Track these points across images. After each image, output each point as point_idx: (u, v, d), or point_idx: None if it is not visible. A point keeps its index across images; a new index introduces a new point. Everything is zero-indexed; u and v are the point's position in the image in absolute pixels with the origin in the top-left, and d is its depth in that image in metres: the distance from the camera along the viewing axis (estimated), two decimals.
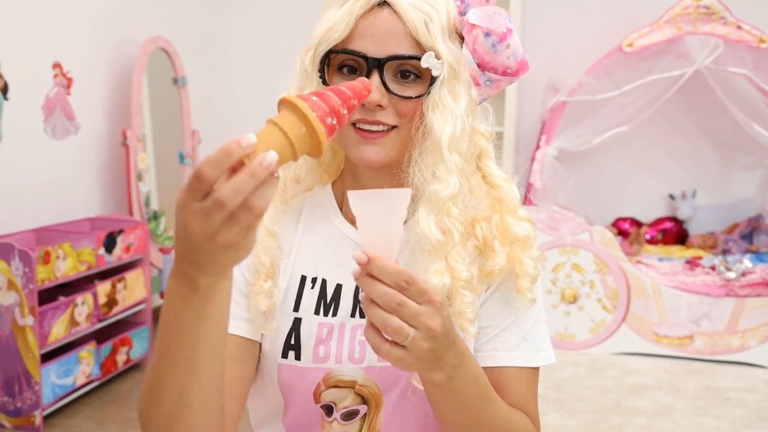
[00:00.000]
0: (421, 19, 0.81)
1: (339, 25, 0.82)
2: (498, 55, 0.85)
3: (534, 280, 0.87)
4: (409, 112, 0.84)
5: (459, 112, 0.83)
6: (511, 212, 0.88)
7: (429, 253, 0.83)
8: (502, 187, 0.89)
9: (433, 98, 0.83)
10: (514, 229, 0.87)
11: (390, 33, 0.82)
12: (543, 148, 3.66)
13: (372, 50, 0.82)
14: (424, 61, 0.81)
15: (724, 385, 3.12)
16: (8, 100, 2.71)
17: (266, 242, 0.87)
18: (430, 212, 0.83)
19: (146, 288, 3.11)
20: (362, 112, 0.83)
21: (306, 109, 0.63)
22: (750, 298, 3.35)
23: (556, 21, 4.12)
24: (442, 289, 0.82)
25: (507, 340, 0.89)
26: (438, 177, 0.83)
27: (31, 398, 2.47)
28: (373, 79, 0.81)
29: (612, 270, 3.45)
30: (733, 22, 3.46)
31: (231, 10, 4.43)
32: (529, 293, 0.87)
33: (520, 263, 0.87)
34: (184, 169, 3.76)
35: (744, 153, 4.02)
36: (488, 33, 0.84)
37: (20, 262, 2.40)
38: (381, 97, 0.82)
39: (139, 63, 3.34)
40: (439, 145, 0.82)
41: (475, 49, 0.85)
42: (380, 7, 0.83)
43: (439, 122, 0.82)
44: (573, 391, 3.02)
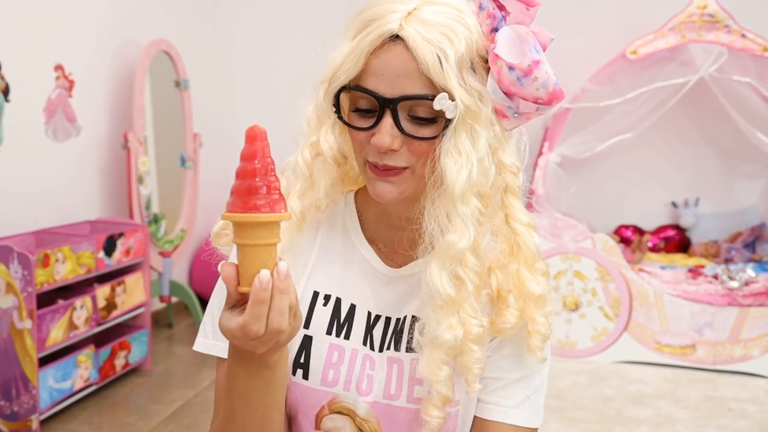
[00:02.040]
0: (434, 56, 0.75)
1: (349, 63, 0.79)
2: (525, 88, 0.78)
3: (545, 338, 0.84)
4: (423, 153, 0.79)
5: (478, 155, 0.78)
6: (528, 265, 0.84)
7: (441, 308, 0.79)
8: (522, 235, 0.84)
9: (447, 141, 0.77)
10: (530, 286, 0.83)
11: (402, 71, 0.77)
12: (546, 155, 3.65)
13: (384, 89, 0.77)
14: (436, 104, 0.76)
15: (727, 396, 3.09)
16: (9, 101, 2.70)
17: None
18: (443, 267, 0.78)
19: (146, 292, 3.09)
20: (374, 155, 0.80)
21: (262, 217, 0.66)
22: (753, 308, 3.32)
23: (560, 27, 4.10)
24: (454, 343, 0.79)
25: (511, 396, 0.87)
26: (453, 226, 0.78)
27: (28, 402, 2.45)
28: (386, 121, 0.78)
29: (614, 278, 3.43)
30: (737, 30, 3.45)
31: (234, 14, 4.42)
32: (539, 352, 0.84)
33: (533, 321, 0.83)
34: (186, 172, 3.74)
35: (747, 161, 4.01)
36: (511, 67, 0.77)
37: (19, 264, 2.39)
38: (392, 141, 0.78)
39: (141, 66, 3.33)
40: (453, 194, 0.77)
41: (501, 80, 0.78)
42: (392, 42, 0.77)
43: (452, 169, 0.77)
44: (574, 400, 2.99)
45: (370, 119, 0.80)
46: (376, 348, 0.89)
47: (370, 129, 0.79)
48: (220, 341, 0.89)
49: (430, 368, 0.80)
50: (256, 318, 0.66)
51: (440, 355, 0.79)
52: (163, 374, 3.13)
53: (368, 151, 0.81)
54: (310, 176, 0.87)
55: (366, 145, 0.81)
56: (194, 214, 3.78)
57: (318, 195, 0.87)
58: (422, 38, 0.75)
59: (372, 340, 0.89)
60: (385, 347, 0.88)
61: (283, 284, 0.67)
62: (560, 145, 3.71)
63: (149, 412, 2.75)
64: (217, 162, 4.13)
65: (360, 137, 0.81)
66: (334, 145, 0.85)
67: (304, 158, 0.87)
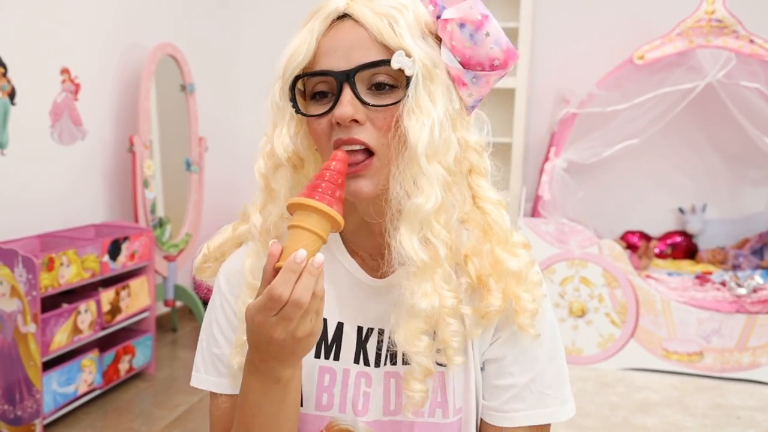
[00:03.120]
0: (386, 22, 0.76)
1: (300, 48, 0.77)
2: (479, 47, 0.76)
3: (533, 314, 0.81)
4: (386, 125, 0.76)
5: (437, 116, 0.75)
6: (501, 242, 0.81)
7: (414, 275, 0.77)
8: (491, 214, 0.81)
9: (408, 102, 0.75)
10: (506, 264, 0.80)
11: (354, 43, 0.76)
12: (552, 160, 3.63)
13: (338, 65, 0.76)
14: (394, 62, 0.74)
15: (735, 404, 3.07)
16: (15, 105, 2.70)
17: (247, 299, 0.83)
18: (412, 230, 0.76)
19: (150, 296, 3.08)
20: (338, 131, 0.77)
21: (316, 203, 0.72)
22: (761, 315, 3.30)
23: (567, 32, 4.10)
24: (431, 311, 0.77)
25: (527, 399, 0.85)
26: (419, 188, 0.75)
27: (31, 407, 2.45)
28: (345, 94, 0.75)
29: (621, 284, 3.41)
30: (745, 35, 3.43)
31: (240, 19, 4.42)
32: (531, 329, 0.82)
33: (517, 298, 0.81)
34: (191, 176, 3.74)
35: (755, 167, 3.99)
36: (462, 23, 0.76)
37: (24, 268, 2.38)
38: (355, 111, 0.75)
39: (147, 69, 3.33)
40: (416, 153, 0.75)
41: (454, 45, 0.77)
42: (340, 21, 0.78)
43: (415, 128, 0.75)
44: (581, 407, 2.97)
45: (329, 103, 0.77)
46: (371, 363, 0.86)
47: (329, 111, 0.77)
48: (212, 376, 0.89)
49: (408, 339, 0.78)
50: (283, 281, 0.69)
51: (418, 324, 0.77)
52: (167, 379, 3.12)
53: (333, 137, 0.77)
54: (267, 187, 0.83)
55: (330, 133, 0.77)
56: (199, 218, 3.78)
57: (279, 203, 0.82)
58: (370, 10, 0.76)
59: (366, 355, 0.86)
60: (382, 362, 0.86)
61: (314, 270, 0.70)
62: (567, 150, 3.69)
63: (153, 417, 2.74)
64: (222, 166, 4.13)
65: (322, 126, 0.78)
66: (289, 147, 0.81)
67: (259, 169, 0.84)
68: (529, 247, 0.84)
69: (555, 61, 4.08)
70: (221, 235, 0.91)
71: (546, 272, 3.46)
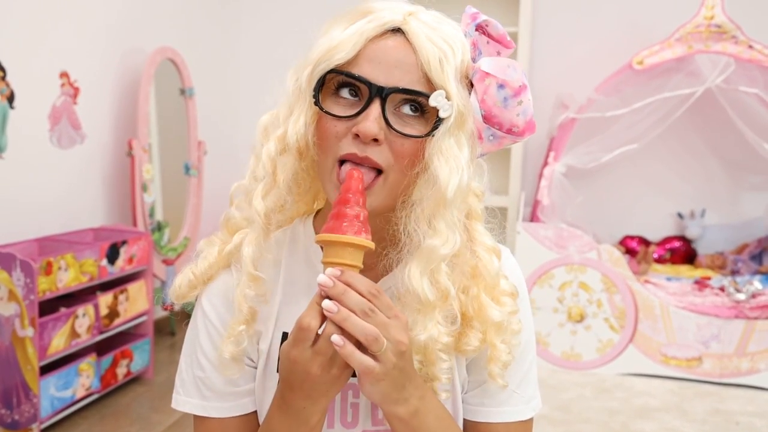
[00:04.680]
0: (436, 55, 0.74)
1: (345, 45, 0.75)
2: (507, 111, 0.77)
3: (506, 365, 0.82)
4: (405, 155, 0.75)
5: (464, 163, 0.76)
6: (488, 290, 0.81)
7: (418, 311, 0.77)
8: (483, 259, 0.81)
9: (437, 142, 0.75)
10: (489, 312, 0.80)
11: (399, 62, 0.74)
12: (551, 165, 3.63)
13: (376, 77, 0.74)
14: (432, 100, 0.74)
15: (734, 409, 3.06)
16: (14, 108, 2.70)
17: (246, 291, 0.81)
18: (424, 269, 0.76)
19: (148, 300, 3.07)
20: (353, 145, 0.75)
21: (347, 239, 0.72)
22: (760, 321, 3.29)
23: (566, 37, 4.10)
24: (427, 342, 0.77)
25: (495, 395, 0.86)
26: (437, 231, 0.75)
27: (29, 411, 2.44)
28: (373, 109, 0.73)
29: (620, 289, 3.41)
30: (744, 41, 3.44)
31: (239, 23, 4.42)
32: (500, 379, 0.82)
33: (493, 347, 0.81)
34: (190, 180, 3.74)
35: (754, 173, 3.99)
36: (503, 85, 0.76)
37: (21, 272, 2.38)
38: (379, 130, 0.73)
39: (146, 73, 3.33)
40: (444, 197, 0.74)
41: (485, 99, 0.77)
42: (393, 34, 0.76)
43: (445, 171, 0.74)
44: (579, 413, 2.96)
45: (354, 108, 0.75)
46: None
47: (352, 118, 0.75)
48: (194, 398, 0.87)
49: None
50: (311, 312, 0.70)
51: (405, 338, 0.77)
52: (165, 383, 3.11)
53: (344, 144, 0.75)
54: (273, 173, 0.81)
55: (342, 138, 0.75)
56: (198, 222, 3.77)
57: (279, 191, 0.81)
58: (426, 36, 0.75)
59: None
60: None
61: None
62: (566, 155, 3.69)
63: (151, 421, 2.73)
64: (221, 170, 4.13)
65: (336, 128, 0.76)
66: (301, 132, 0.78)
67: (268, 153, 0.81)
68: (516, 296, 0.84)
69: (554, 65, 4.08)
70: (206, 259, 0.87)
71: (545, 277, 3.46)
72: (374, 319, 0.69)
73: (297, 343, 0.70)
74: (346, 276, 0.71)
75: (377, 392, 0.72)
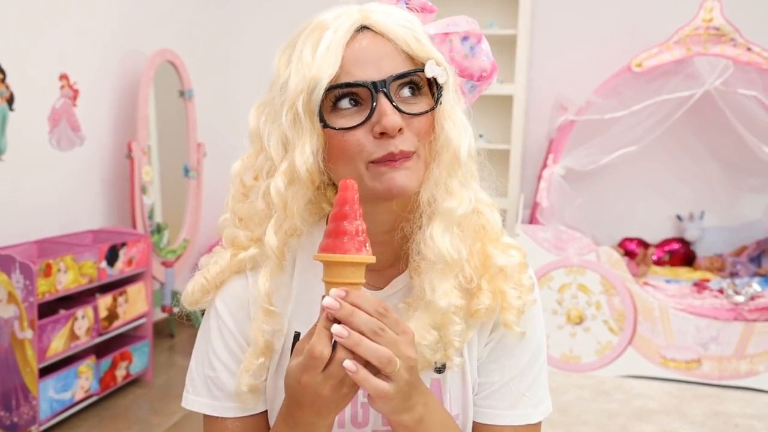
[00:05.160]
0: (410, 34, 0.77)
1: (327, 60, 0.75)
2: (476, 59, 0.82)
3: (520, 312, 0.82)
4: (424, 131, 0.78)
5: (467, 123, 0.80)
6: (492, 241, 0.83)
7: (441, 272, 0.78)
8: (485, 213, 0.83)
9: (445, 109, 0.78)
10: (494, 259, 0.82)
11: (382, 54, 0.76)
12: (550, 167, 3.63)
13: (370, 75, 0.75)
14: (428, 71, 0.77)
15: (733, 411, 3.06)
16: (14, 110, 2.70)
17: (263, 326, 0.82)
18: (445, 228, 0.78)
19: (147, 302, 3.07)
20: (381, 146, 0.75)
21: (347, 258, 0.71)
22: (759, 323, 3.30)
23: (565, 40, 4.11)
24: (447, 309, 0.78)
25: (504, 398, 0.86)
26: (452, 192, 0.78)
27: (28, 413, 2.44)
28: (384, 104, 0.74)
29: (619, 291, 3.41)
30: (743, 43, 3.45)
31: (238, 24, 4.43)
32: (515, 326, 0.82)
33: (503, 294, 0.82)
34: (189, 182, 3.74)
35: (753, 175, 3.99)
36: (466, 36, 0.82)
37: (21, 274, 2.38)
38: (401, 120, 0.75)
39: (146, 75, 3.33)
40: (458, 158, 0.78)
41: (453, 57, 0.82)
42: (360, 33, 0.77)
43: (455, 133, 0.78)
44: (578, 415, 2.97)
45: (361, 113, 0.76)
46: None
47: (366, 122, 0.75)
48: (204, 397, 0.87)
49: (419, 332, 0.78)
50: (320, 339, 0.69)
51: (431, 319, 0.79)
52: (164, 385, 3.11)
53: (371, 149, 0.75)
54: (285, 207, 0.80)
55: (365, 144, 0.76)
56: (197, 224, 3.77)
57: (293, 222, 0.81)
58: (390, 22, 0.78)
59: None
60: None
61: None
62: (565, 157, 3.69)
63: (150, 423, 2.73)
64: (220, 172, 4.12)
65: (356, 137, 0.76)
66: (312, 164, 0.78)
67: (277, 188, 0.79)
68: (521, 250, 0.85)
69: (553, 68, 4.09)
70: (217, 263, 0.87)
71: (544, 279, 3.46)
72: (385, 338, 0.69)
73: (308, 370, 0.70)
74: (352, 296, 0.69)
75: (386, 407, 0.72)
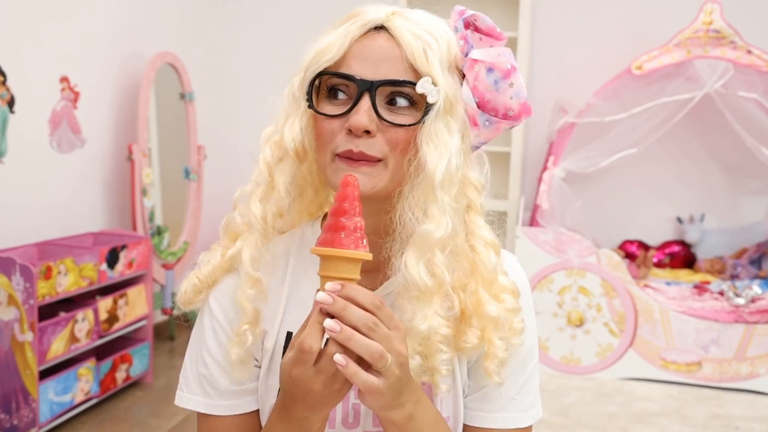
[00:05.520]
0: (420, 46, 0.77)
1: (332, 47, 0.78)
2: (500, 94, 0.79)
3: (502, 362, 0.82)
4: (399, 143, 0.77)
5: (453, 149, 0.77)
6: (486, 285, 0.81)
7: (417, 299, 0.77)
8: (481, 254, 0.81)
9: (427, 129, 0.76)
10: (486, 307, 0.80)
11: (385, 57, 0.77)
12: (551, 169, 3.63)
13: (364, 73, 0.76)
14: (419, 86, 0.76)
15: (733, 414, 3.06)
16: (14, 113, 2.70)
17: (247, 291, 0.82)
18: (419, 256, 0.76)
19: (148, 304, 3.07)
20: (347, 141, 0.77)
21: (344, 253, 0.71)
22: (759, 325, 3.30)
23: (566, 42, 4.11)
24: (428, 333, 0.77)
25: (493, 400, 0.85)
26: (429, 216, 0.76)
27: (28, 416, 2.43)
28: (363, 103, 0.76)
29: (619, 293, 3.41)
30: (743, 46, 3.45)
31: (239, 27, 4.43)
32: (496, 376, 0.82)
33: (490, 343, 0.81)
34: (189, 184, 3.74)
35: (753, 177, 3.99)
36: (491, 68, 0.78)
37: (21, 277, 2.38)
38: (369, 122, 0.75)
39: (146, 78, 3.33)
40: (432, 181, 0.76)
41: (476, 86, 0.79)
42: (377, 32, 0.78)
43: (434, 156, 0.76)
44: (579, 417, 2.96)
45: (346, 106, 0.77)
46: None
47: (344, 114, 0.77)
48: (197, 395, 0.88)
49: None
50: (311, 333, 0.69)
51: (412, 344, 0.78)
52: (165, 387, 3.11)
53: (339, 141, 0.77)
54: (270, 178, 0.83)
55: (337, 134, 0.77)
56: (197, 227, 3.77)
57: (278, 195, 0.82)
58: (408, 30, 0.77)
59: None
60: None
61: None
62: (565, 159, 3.69)
63: (150, 426, 2.73)
64: (221, 174, 4.13)
65: (331, 126, 0.78)
66: (298, 137, 0.81)
67: (265, 158, 0.83)
68: (518, 294, 0.84)
69: (553, 70, 4.09)
70: (209, 263, 0.87)
71: (544, 282, 3.46)
72: (377, 334, 0.69)
73: (298, 364, 0.70)
74: (347, 290, 0.69)
75: (376, 403, 0.72)
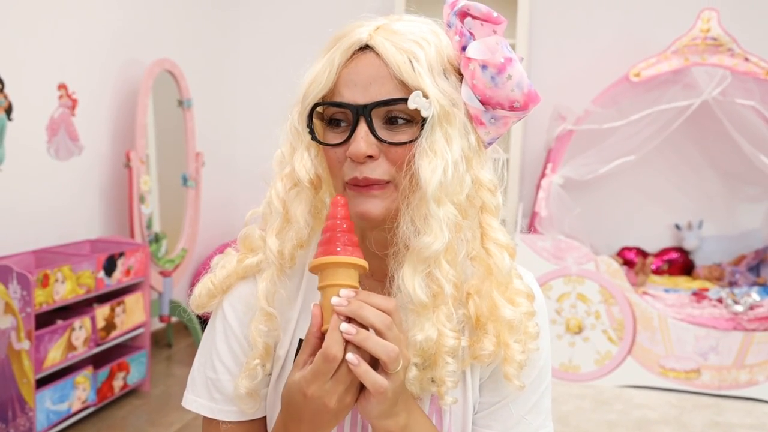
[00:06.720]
0: (406, 59, 0.75)
1: (321, 77, 0.77)
2: (500, 89, 0.76)
3: (521, 366, 0.81)
4: (402, 161, 0.76)
5: (451, 157, 0.75)
6: (500, 287, 0.81)
7: (414, 312, 0.77)
8: (494, 256, 0.80)
9: (424, 142, 0.75)
10: (501, 311, 0.80)
11: (373, 78, 0.76)
12: (549, 177, 3.64)
13: (355, 98, 0.76)
14: (411, 102, 0.74)
15: (732, 422, 3.05)
16: (12, 120, 2.70)
17: (260, 326, 0.82)
18: (416, 270, 0.76)
19: (145, 312, 3.06)
20: (352, 169, 0.77)
21: (338, 258, 0.73)
22: (758, 333, 3.29)
23: (564, 49, 4.12)
24: (425, 344, 0.76)
25: (504, 419, 0.85)
26: (428, 228, 0.75)
27: (24, 424, 2.42)
28: (360, 129, 0.75)
29: (618, 301, 3.40)
30: (740, 54, 3.46)
31: (237, 34, 4.44)
32: (516, 380, 0.81)
33: (506, 347, 0.80)
34: (187, 191, 3.73)
35: (751, 184, 3.99)
36: (485, 65, 0.76)
37: (18, 285, 2.37)
38: (368, 147, 0.75)
39: (144, 85, 3.33)
40: (426, 195, 0.74)
41: (475, 85, 0.77)
42: (362, 52, 0.77)
43: (427, 170, 0.74)
44: (578, 425, 2.95)
45: (346, 132, 0.77)
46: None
47: (345, 143, 0.77)
48: (202, 398, 0.87)
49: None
50: (334, 341, 0.69)
51: (412, 354, 0.77)
52: (162, 396, 3.10)
53: (346, 169, 0.77)
54: (286, 211, 0.82)
55: (344, 162, 0.78)
56: (195, 234, 3.76)
57: (298, 226, 0.82)
58: (391, 44, 0.75)
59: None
60: None
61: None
62: (563, 166, 3.69)
63: None
64: (219, 182, 4.13)
65: (337, 155, 0.78)
66: (311, 169, 0.82)
67: (277, 192, 0.83)
68: (533, 298, 0.83)
69: (552, 77, 4.09)
70: (224, 268, 0.87)
71: (543, 289, 3.45)
72: (392, 335, 0.69)
73: (318, 377, 0.69)
74: (361, 294, 0.71)
75: (377, 408, 0.72)
